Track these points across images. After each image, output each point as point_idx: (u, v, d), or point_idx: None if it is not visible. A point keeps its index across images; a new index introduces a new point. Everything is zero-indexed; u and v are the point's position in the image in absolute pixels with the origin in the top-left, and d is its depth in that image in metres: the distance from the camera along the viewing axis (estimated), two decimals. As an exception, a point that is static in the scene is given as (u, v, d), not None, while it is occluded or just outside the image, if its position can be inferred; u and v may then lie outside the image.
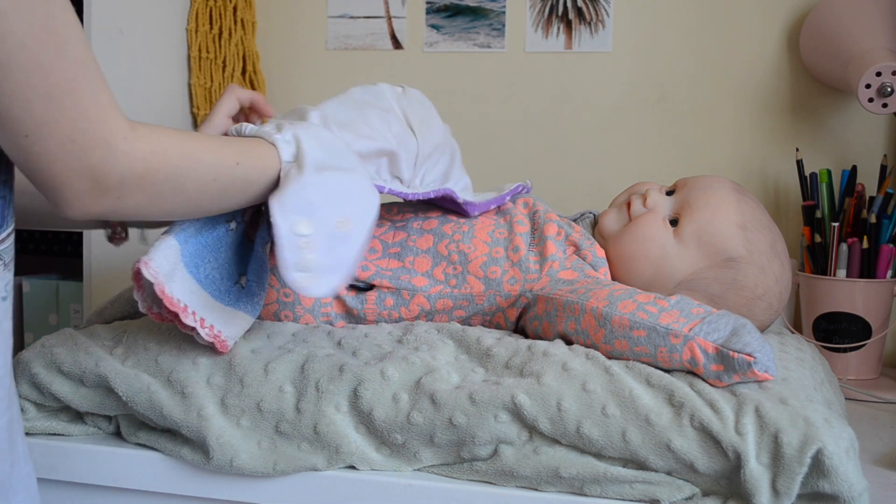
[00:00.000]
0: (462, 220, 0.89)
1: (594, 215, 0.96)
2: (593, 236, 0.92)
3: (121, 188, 0.60)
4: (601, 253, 0.88)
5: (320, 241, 0.68)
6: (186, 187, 0.65)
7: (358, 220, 0.72)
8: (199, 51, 1.39)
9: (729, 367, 0.68)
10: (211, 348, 0.75)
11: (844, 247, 1.16)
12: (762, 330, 0.88)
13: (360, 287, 0.86)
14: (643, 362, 0.72)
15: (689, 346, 0.70)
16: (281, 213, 0.67)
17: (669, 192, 0.91)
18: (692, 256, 0.86)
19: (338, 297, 0.86)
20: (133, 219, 0.72)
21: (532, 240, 0.88)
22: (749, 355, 0.67)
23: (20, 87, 0.53)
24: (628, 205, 0.91)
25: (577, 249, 0.88)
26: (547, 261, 0.85)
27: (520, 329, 0.86)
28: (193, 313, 0.71)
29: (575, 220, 0.95)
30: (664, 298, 0.75)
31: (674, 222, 0.88)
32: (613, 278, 0.88)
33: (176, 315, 0.71)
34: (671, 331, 0.71)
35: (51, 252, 1.59)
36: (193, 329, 0.73)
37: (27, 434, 0.74)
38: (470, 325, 0.86)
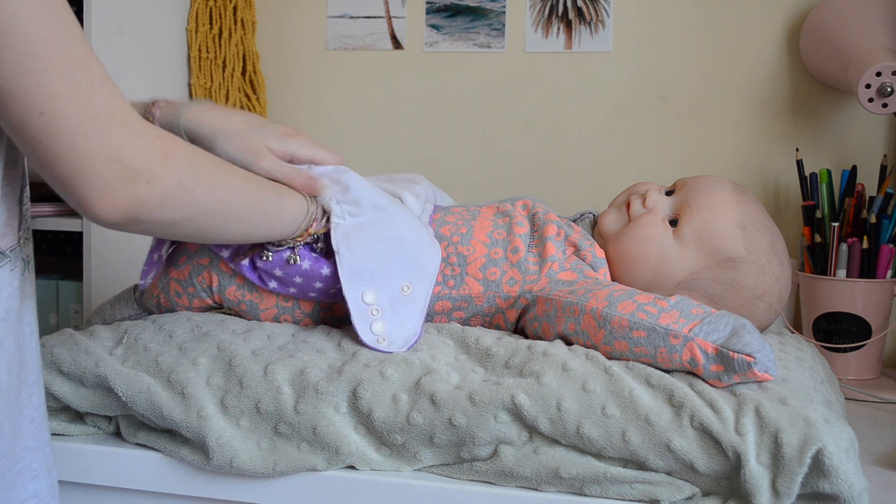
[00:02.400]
0: (460, 222, 0.89)
1: (594, 215, 0.95)
2: (593, 237, 0.92)
3: (149, 168, 0.58)
4: (601, 253, 0.88)
5: (386, 306, 0.79)
6: (202, 170, 0.65)
7: (420, 284, 0.81)
8: (199, 51, 1.39)
9: (729, 367, 0.68)
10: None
11: (844, 247, 1.16)
12: (762, 330, 0.88)
13: (360, 287, 0.86)
14: (643, 363, 0.72)
15: (688, 347, 0.70)
16: (349, 285, 0.78)
17: (669, 193, 0.91)
18: (692, 257, 0.86)
19: (337, 301, 0.86)
20: (168, 224, 0.65)
21: (531, 241, 0.88)
22: (749, 356, 0.67)
23: (26, 57, 0.52)
24: (628, 205, 0.90)
25: (577, 250, 0.88)
26: (546, 262, 0.85)
27: (519, 330, 0.86)
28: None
29: (575, 221, 0.95)
30: (664, 299, 0.75)
31: (673, 222, 0.88)
32: (613, 279, 0.88)
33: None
34: (671, 331, 0.71)
35: (51, 252, 1.59)
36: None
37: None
38: (469, 326, 0.86)
